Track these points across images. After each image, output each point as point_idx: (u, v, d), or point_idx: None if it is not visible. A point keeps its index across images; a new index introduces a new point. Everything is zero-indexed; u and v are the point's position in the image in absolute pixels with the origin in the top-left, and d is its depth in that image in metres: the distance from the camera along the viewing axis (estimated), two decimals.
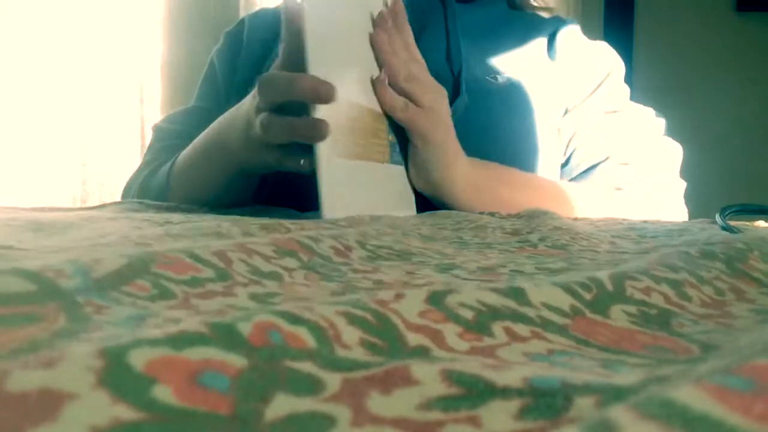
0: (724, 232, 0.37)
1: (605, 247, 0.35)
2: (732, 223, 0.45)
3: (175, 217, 0.45)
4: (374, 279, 0.23)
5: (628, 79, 0.81)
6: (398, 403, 0.11)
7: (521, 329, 0.17)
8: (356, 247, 0.28)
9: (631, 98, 0.82)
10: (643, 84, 2.00)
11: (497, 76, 0.73)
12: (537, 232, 0.41)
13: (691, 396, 0.08)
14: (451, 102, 0.70)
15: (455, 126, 0.69)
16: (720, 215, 0.45)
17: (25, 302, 0.14)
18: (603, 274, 0.22)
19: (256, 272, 0.21)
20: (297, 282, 0.21)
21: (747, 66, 2.09)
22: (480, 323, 0.17)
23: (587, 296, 0.20)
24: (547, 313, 0.18)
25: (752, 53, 2.09)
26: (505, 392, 0.11)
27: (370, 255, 0.28)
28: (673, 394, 0.08)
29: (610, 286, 0.21)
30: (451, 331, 0.16)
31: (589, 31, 0.78)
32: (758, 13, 2.07)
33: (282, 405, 0.11)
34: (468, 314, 0.17)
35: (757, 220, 0.52)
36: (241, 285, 0.20)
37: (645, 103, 0.81)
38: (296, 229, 0.34)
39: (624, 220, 0.57)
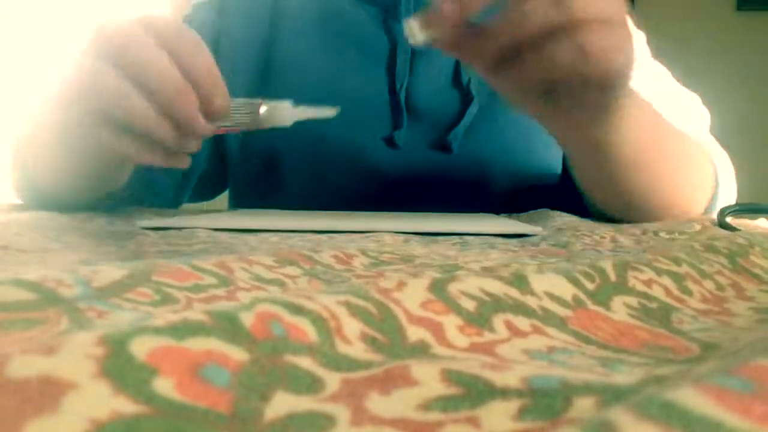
0: (725, 232, 0.37)
1: (607, 245, 0.35)
2: (732, 222, 0.45)
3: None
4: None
5: None
6: (397, 403, 0.11)
7: (522, 323, 0.17)
8: (358, 255, 0.28)
9: None
10: None
11: None
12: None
13: (691, 397, 0.08)
14: (462, 111, 0.68)
15: (466, 133, 0.66)
16: (720, 215, 0.45)
17: (25, 309, 0.14)
18: (606, 264, 0.22)
19: (259, 279, 0.21)
20: (300, 288, 0.21)
21: (747, 65, 2.08)
22: (481, 315, 0.17)
23: (590, 286, 0.20)
24: (548, 303, 0.18)
25: (752, 52, 2.09)
26: (504, 392, 0.11)
27: (372, 261, 0.28)
28: (673, 396, 0.08)
29: (613, 277, 0.21)
30: (451, 324, 0.16)
31: None
32: (759, 12, 2.07)
33: (281, 404, 0.11)
34: (470, 305, 0.17)
35: (758, 218, 0.52)
36: (244, 290, 0.20)
37: None
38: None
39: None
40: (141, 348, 0.11)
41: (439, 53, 0.69)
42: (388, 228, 0.40)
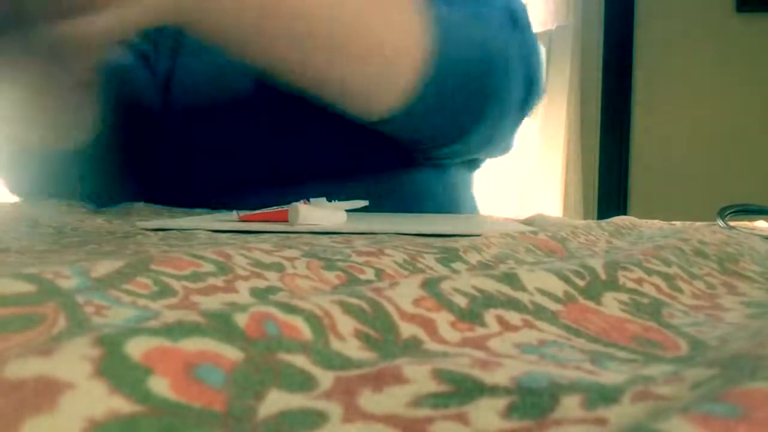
0: (715, 236, 0.38)
1: (602, 246, 0.35)
2: (732, 223, 0.45)
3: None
4: (377, 267, 0.23)
5: (629, 79, 0.81)
6: (389, 401, 0.11)
7: (513, 317, 0.17)
8: (358, 238, 0.28)
9: (632, 97, 0.81)
10: (644, 84, 2.00)
11: None
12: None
13: (679, 426, 0.08)
14: None
15: None
16: (720, 215, 0.45)
17: (24, 303, 0.14)
18: (596, 263, 0.22)
19: (258, 264, 0.21)
20: (299, 273, 0.21)
21: (747, 66, 2.09)
22: (473, 311, 0.17)
23: (581, 283, 0.21)
24: (540, 299, 0.19)
25: (752, 53, 2.09)
26: (493, 390, 0.11)
27: (372, 240, 0.28)
28: (661, 426, 0.09)
29: (603, 275, 0.22)
30: (443, 320, 0.16)
31: (589, 31, 0.77)
32: (758, 13, 2.07)
33: (275, 402, 0.11)
34: (462, 301, 0.17)
35: (757, 219, 0.52)
36: (242, 279, 0.20)
37: (645, 103, 0.80)
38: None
39: (628, 220, 0.57)
40: (136, 349, 0.11)
41: None
42: (384, 230, 0.40)
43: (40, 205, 0.55)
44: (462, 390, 0.11)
